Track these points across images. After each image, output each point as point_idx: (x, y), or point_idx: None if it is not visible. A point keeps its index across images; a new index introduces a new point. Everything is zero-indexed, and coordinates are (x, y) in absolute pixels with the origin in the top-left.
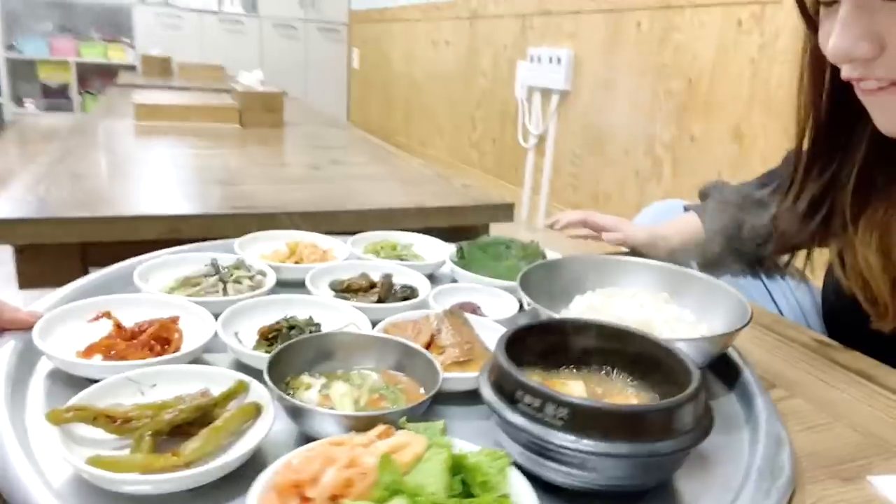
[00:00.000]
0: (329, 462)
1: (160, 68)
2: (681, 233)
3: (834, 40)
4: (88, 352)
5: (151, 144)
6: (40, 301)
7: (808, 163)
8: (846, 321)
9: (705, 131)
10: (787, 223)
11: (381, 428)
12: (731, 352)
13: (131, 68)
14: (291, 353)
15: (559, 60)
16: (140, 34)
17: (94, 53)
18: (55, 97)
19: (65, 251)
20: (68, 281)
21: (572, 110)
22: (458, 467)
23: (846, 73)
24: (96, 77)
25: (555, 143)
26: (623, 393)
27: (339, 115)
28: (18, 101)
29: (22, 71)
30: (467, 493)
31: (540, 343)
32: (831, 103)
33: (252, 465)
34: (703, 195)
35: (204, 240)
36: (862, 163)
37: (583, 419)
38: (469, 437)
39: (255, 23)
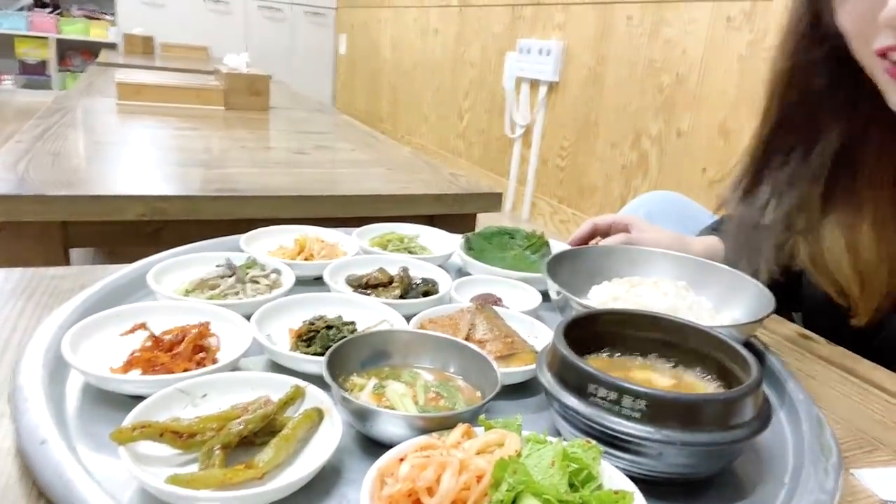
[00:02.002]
0: (441, 468)
1: (143, 47)
2: (706, 247)
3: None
4: (127, 366)
5: (134, 124)
6: (58, 312)
7: (766, 152)
8: (824, 320)
9: (692, 126)
10: (742, 211)
11: (462, 428)
12: (753, 339)
13: (112, 46)
14: (342, 353)
15: (549, 52)
16: (122, 12)
17: (74, 30)
18: (33, 74)
19: (45, 230)
20: (48, 260)
21: (560, 102)
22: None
23: (891, 40)
24: (77, 54)
25: (542, 135)
26: (682, 381)
27: (325, 101)
28: None
29: None
30: (568, 484)
31: (590, 333)
32: (806, 89)
33: (321, 473)
34: (719, 226)
35: (187, 221)
36: (832, 160)
37: (662, 410)
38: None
39: (241, 4)
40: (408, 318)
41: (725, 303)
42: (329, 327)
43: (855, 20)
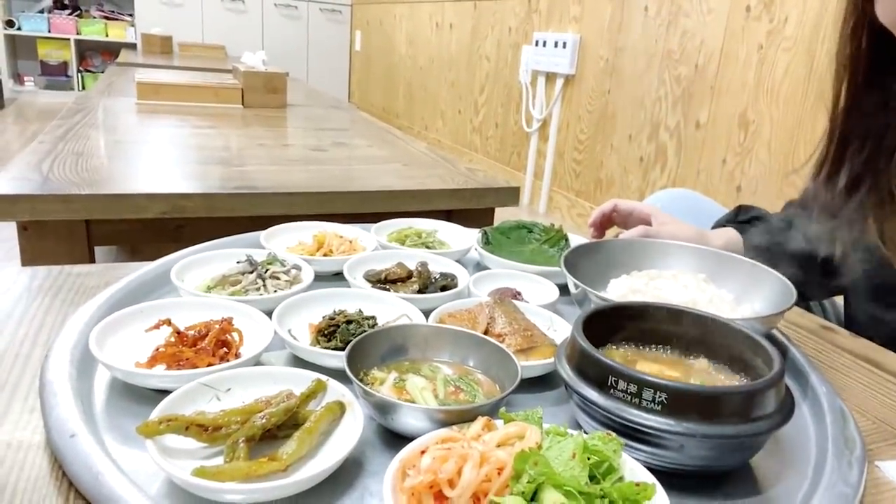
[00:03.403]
0: (462, 460)
1: (161, 47)
2: (726, 241)
3: None
4: (152, 361)
5: (153, 123)
6: (83, 308)
7: (843, 137)
8: (872, 301)
9: (711, 118)
10: (824, 201)
11: (483, 420)
12: (774, 331)
13: (132, 47)
14: (362, 347)
15: (564, 45)
16: (141, 12)
17: (94, 31)
18: (54, 75)
19: (70, 228)
20: (72, 258)
21: (577, 95)
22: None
23: None
24: (96, 55)
25: (558, 128)
26: (702, 374)
27: (340, 97)
28: (17, 79)
29: (21, 48)
30: (589, 476)
31: (609, 326)
32: (870, 73)
33: (343, 465)
34: (734, 217)
35: (208, 218)
36: None
37: (682, 403)
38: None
39: (257, 2)
40: (427, 313)
41: (746, 295)
42: (349, 322)
43: (886, 16)
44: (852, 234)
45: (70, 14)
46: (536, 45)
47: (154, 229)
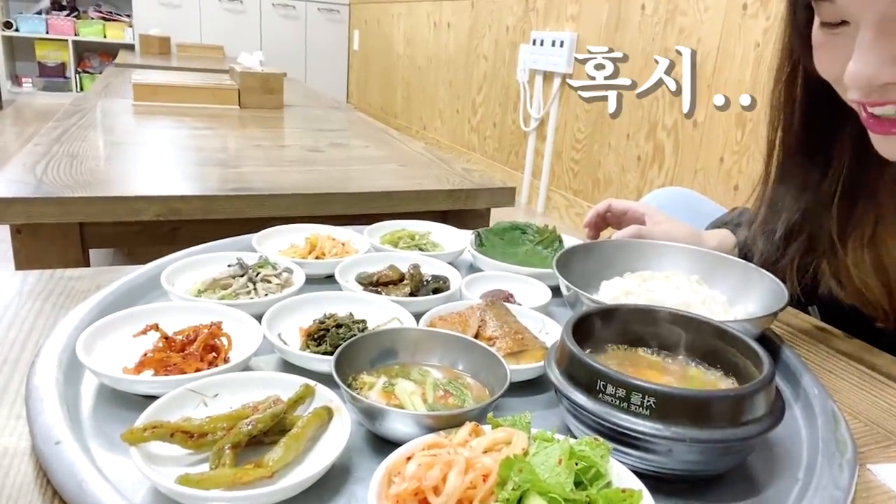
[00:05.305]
0: (447, 466)
1: (159, 48)
2: (720, 242)
3: (855, 66)
4: (140, 366)
5: (150, 125)
6: (73, 313)
7: (779, 184)
8: (843, 320)
9: (708, 116)
10: (763, 246)
11: (470, 426)
12: (768, 332)
13: (130, 47)
14: (351, 351)
15: (562, 44)
16: (139, 13)
17: (92, 32)
18: (52, 76)
19: (64, 231)
20: (66, 261)
21: (574, 94)
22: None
23: (856, 96)
24: (94, 56)
25: (556, 128)
26: (693, 378)
27: (339, 97)
28: (15, 80)
29: (19, 49)
30: (575, 482)
31: (600, 328)
32: (806, 119)
33: (330, 471)
34: (727, 220)
35: (203, 221)
36: (843, 185)
37: (671, 407)
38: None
39: (255, 2)
40: (418, 316)
41: (739, 296)
42: (339, 326)
43: (824, 71)
44: (798, 274)
45: (68, 15)
46: (534, 43)
47: (149, 232)
